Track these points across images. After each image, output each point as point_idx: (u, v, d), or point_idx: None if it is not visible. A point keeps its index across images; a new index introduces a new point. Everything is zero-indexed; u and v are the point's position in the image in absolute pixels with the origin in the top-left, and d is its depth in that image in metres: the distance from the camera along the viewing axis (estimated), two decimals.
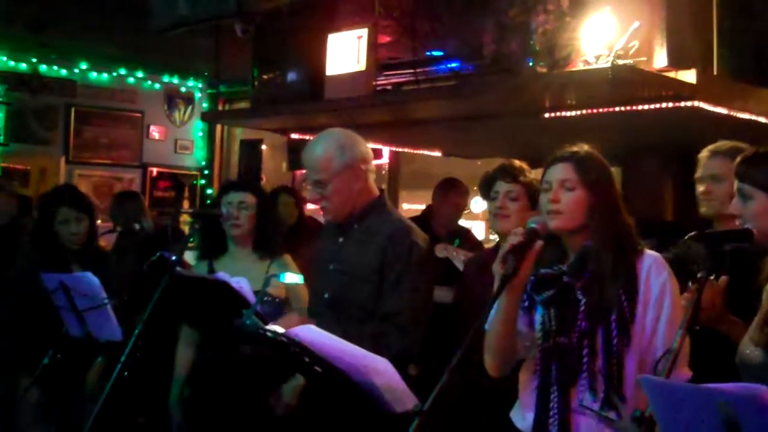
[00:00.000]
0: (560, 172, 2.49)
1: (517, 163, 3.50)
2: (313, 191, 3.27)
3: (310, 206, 7.80)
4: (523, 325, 2.54)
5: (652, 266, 2.43)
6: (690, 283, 2.39)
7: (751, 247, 2.14)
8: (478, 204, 10.80)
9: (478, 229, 10.80)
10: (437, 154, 7.43)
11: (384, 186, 8.19)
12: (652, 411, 1.73)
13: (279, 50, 6.23)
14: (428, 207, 5.60)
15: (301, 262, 3.89)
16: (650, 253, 2.48)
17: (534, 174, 3.36)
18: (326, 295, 3.26)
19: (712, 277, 2.28)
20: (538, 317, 2.49)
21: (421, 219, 5.19)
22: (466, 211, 6.28)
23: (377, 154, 7.45)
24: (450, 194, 5.48)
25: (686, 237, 2.07)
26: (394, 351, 2.91)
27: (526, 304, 2.52)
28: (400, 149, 7.80)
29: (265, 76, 6.39)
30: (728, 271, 2.18)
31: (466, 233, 5.62)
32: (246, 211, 3.82)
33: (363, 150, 3.31)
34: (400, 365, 3.01)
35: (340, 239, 3.31)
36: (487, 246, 5.79)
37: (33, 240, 4.21)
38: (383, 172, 8.32)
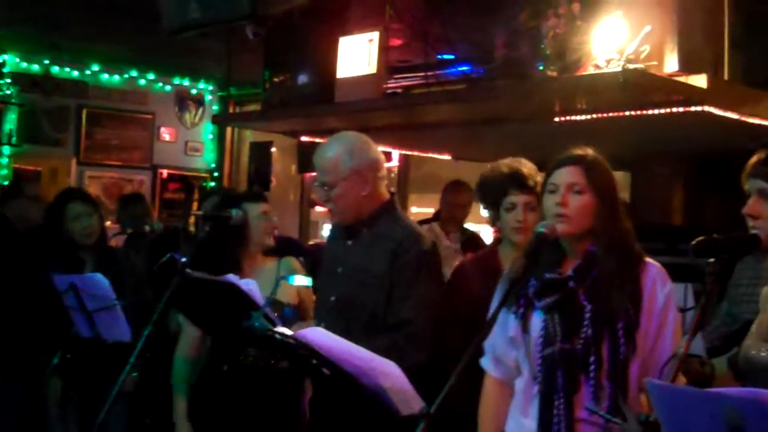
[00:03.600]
0: (569, 175, 2.46)
1: (527, 169, 3.40)
2: (320, 193, 3.28)
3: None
4: (516, 332, 2.52)
5: (657, 276, 2.42)
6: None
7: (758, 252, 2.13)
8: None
9: (487, 234, 10.81)
10: (447, 157, 7.43)
11: (393, 189, 8.18)
12: (657, 415, 1.73)
13: (290, 53, 6.24)
14: (437, 212, 5.62)
15: None
16: (653, 263, 2.46)
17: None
18: (333, 299, 3.26)
19: None
20: (537, 323, 2.45)
21: (430, 223, 5.20)
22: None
23: (387, 157, 7.46)
24: (451, 195, 5.48)
25: (693, 242, 2.06)
26: (407, 364, 2.91)
27: (522, 310, 2.49)
28: (410, 152, 7.80)
29: (275, 79, 6.40)
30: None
31: (476, 237, 5.62)
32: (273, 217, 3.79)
33: (373, 156, 3.30)
34: (414, 376, 3.02)
35: (349, 242, 3.31)
36: None
37: (45, 240, 4.25)
38: (392, 175, 8.33)
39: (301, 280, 3.15)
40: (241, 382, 3.49)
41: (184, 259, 3.14)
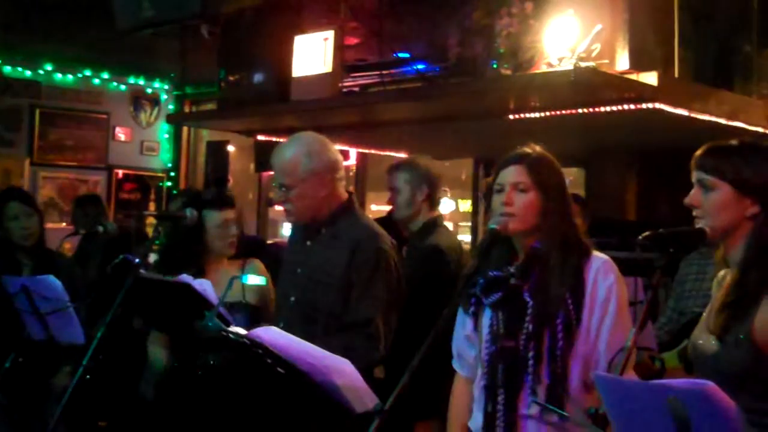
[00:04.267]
0: (513, 174, 2.48)
1: None
2: (278, 194, 3.27)
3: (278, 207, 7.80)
4: (470, 330, 2.55)
5: (600, 269, 2.44)
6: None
7: (703, 245, 2.17)
8: (445, 205, 10.86)
9: None
10: (404, 155, 7.45)
11: (351, 188, 8.17)
12: (605, 408, 1.75)
13: (245, 52, 6.23)
14: (391, 209, 5.61)
15: None
16: (599, 256, 2.49)
17: None
18: (292, 299, 3.26)
19: None
20: (486, 320, 2.48)
21: (385, 221, 5.19)
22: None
23: (344, 155, 7.46)
24: None
25: (640, 237, 2.10)
26: (364, 363, 2.93)
27: (473, 308, 2.51)
28: (367, 151, 7.82)
29: (231, 78, 6.39)
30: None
31: None
32: (235, 227, 3.71)
33: (331, 157, 3.29)
34: (370, 373, 3.03)
35: (308, 243, 3.31)
36: None
37: None
38: (350, 173, 8.33)
39: (255, 279, 3.14)
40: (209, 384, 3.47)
41: (137, 260, 3.12)
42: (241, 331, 2.52)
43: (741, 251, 2.18)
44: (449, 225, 11.21)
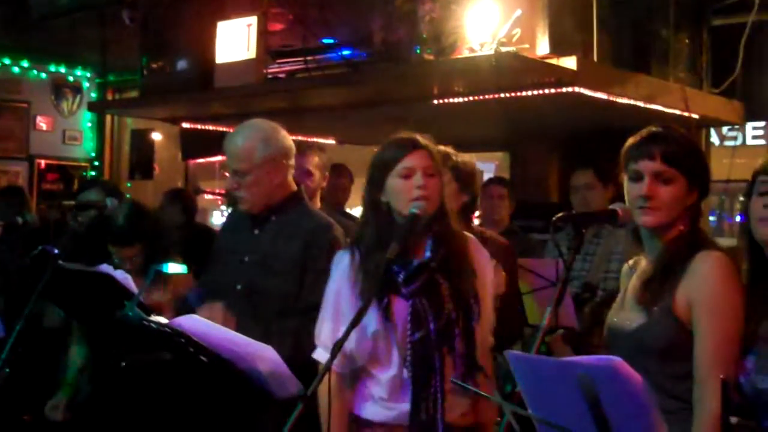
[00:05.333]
0: (421, 159, 2.54)
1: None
2: (232, 180, 3.24)
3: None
4: (378, 322, 2.51)
5: (475, 245, 2.64)
6: None
7: (614, 226, 2.22)
8: None
9: None
10: (332, 141, 7.44)
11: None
12: (518, 385, 1.80)
13: (167, 38, 6.15)
14: (320, 196, 5.63)
15: None
16: (467, 234, 2.67)
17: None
18: (239, 287, 3.22)
19: None
20: (402, 309, 2.50)
21: None
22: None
23: None
24: (332, 178, 5.51)
25: (553, 218, 2.14)
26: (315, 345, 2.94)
27: (386, 300, 2.51)
28: (294, 137, 7.77)
29: (153, 65, 6.30)
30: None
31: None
32: (137, 258, 3.64)
33: (286, 145, 3.30)
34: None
35: (256, 231, 3.29)
36: None
37: None
38: None
39: (176, 268, 3.12)
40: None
41: (56, 251, 3.08)
42: (163, 320, 2.51)
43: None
44: None
